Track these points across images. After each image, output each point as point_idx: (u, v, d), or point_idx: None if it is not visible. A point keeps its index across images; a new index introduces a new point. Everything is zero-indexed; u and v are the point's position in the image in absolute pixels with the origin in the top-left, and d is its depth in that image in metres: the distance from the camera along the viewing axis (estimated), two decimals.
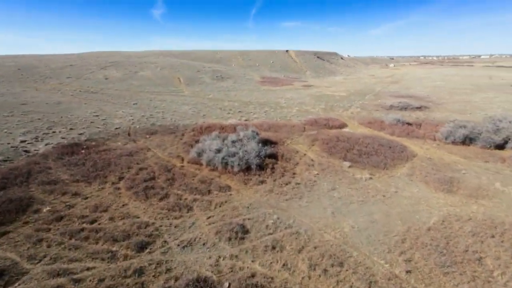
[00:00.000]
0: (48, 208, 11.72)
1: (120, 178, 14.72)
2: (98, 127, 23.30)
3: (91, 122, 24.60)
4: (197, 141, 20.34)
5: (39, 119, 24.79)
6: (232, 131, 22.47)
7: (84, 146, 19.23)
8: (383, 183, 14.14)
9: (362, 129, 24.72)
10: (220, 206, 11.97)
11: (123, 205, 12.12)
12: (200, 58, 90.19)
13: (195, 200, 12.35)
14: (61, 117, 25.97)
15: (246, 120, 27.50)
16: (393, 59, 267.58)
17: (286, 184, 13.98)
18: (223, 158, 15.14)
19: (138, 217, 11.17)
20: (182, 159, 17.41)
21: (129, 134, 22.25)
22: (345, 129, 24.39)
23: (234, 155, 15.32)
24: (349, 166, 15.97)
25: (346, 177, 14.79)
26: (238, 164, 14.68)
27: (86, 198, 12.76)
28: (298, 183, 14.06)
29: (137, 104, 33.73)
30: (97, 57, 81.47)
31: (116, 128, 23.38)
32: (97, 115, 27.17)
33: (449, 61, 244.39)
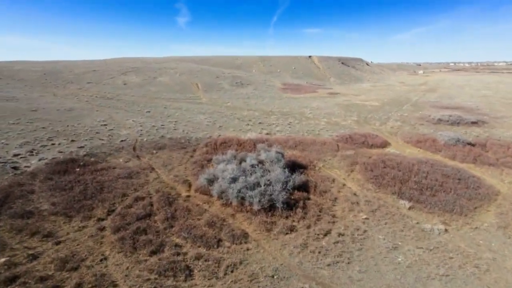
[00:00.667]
0: (3, 260, 8.74)
1: (110, 212, 11.62)
2: (102, 139, 20.78)
3: (96, 133, 22.21)
4: (209, 160, 17.03)
5: (43, 128, 22.84)
6: (251, 148, 18.96)
7: (81, 163, 16.56)
8: (468, 241, 9.79)
9: (410, 149, 20.15)
10: (232, 272, 8.34)
11: (102, 260, 8.87)
12: (219, 64, 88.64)
13: (198, 257, 8.82)
14: (67, 126, 23.92)
15: (267, 133, 23.90)
16: (420, 65, 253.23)
17: (325, 234, 10.08)
18: (239, 191, 11.57)
19: (116, 286, 7.81)
20: (189, 186, 14.09)
21: (134, 149, 19.45)
22: (389, 149, 19.97)
23: (253, 187, 11.71)
24: (410, 208, 11.74)
25: (409, 226, 10.60)
26: (259, 201, 11.03)
27: (59, 242, 9.69)
28: (342, 234, 10.10)
29: (150, 112, 31.38)
30: (120, 63, 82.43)
31: (122, 141, 20.72)
32: (105, 124, 24.90)
33: (484, 67, 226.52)
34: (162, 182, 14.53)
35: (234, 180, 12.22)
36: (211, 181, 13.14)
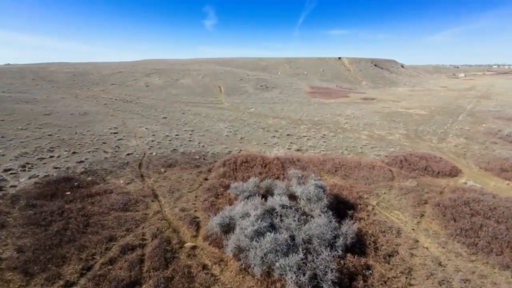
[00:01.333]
0: None
1: (85, 269, 8.37)
2: (107, 152, 18.09)
3: (103, 143, 19.66)
4: (226, 187, 13.46)
5: (49, 135, 20.81)
6: (279, 172, 15.09)
7: (75, 184, 13.79)
8: None
9: (493, 181, 15.00)
10: None
11: None
12: (244, 66, 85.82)
13: None
14: (75, 133, 21.75)
15: (298, 149, 19.86)
16: (458, 68, 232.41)
17: None
18: (265, 256, 7.72)
19: None
20: (198, 228, 10.54)
21: (140, 165, 16.45)
22: (463, 180, 14.98)
23: (287, 251, 7.81)
24: None
25: None
26: (296, 281, 7.10)
27: None
28: None
29: (167, 118, 28.74)
30: (145, 65, 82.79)
31: (128, 154, 17.89)
32: (115, 132, 22.43)
33: None
34: (164, 219, 11.15)
35: (257, 234, 8.41)
36: (225, 228, 9.47)
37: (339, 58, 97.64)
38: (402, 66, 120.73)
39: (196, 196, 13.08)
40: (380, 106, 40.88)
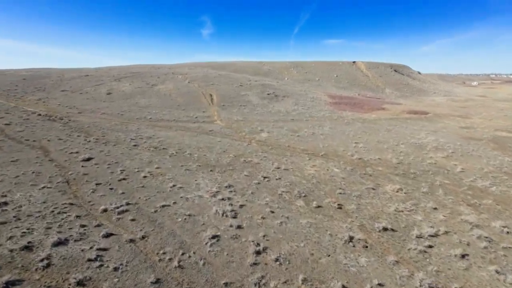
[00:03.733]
0: None
1: None
2: None
3: None
4: None
5: None
6: None
7: None
8: None
9: None
10: None
11: None
12: (242, 70, 71.40)
13: None
14: None
15: None
16: (454, 76, 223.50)
17: None
18: None
19: None
20: None
21: None
22: None
23: None
24: None
25: None
26: None
27: None
28: None
29: (91, 160, 13.59)
30: (126, 69, 67.90)
31: None
32: None
33: None
34: None
35: None
36: None
37: (354, 62, 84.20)
38: (419, 73, 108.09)
39: None
40: (455, 126, 26.40)
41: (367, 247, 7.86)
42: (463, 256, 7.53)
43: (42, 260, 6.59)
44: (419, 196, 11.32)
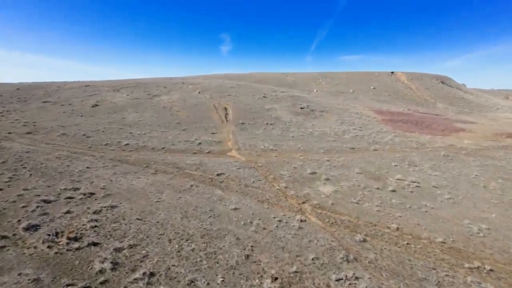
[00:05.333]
0: None
1: None
2: None
3: None
4: None
5: None
6: None
7: None
8: None
9: None
10: None
11: None
12: (264, 81, 62.28)
13: None
14: None
15: None
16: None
17: None
18: None
19: None
20: None
21: None
22: None
23: None
24: None
25: None
26: None
27: None
28: None
29: None
30: (133, 81, 61.23)
31: None
32: None
33: None
34: None
35: None
36: None
37: (392, 72, 72.85)
38: (464, 85, 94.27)
39: None
40: None
41: None
42: None
43: None
44: None
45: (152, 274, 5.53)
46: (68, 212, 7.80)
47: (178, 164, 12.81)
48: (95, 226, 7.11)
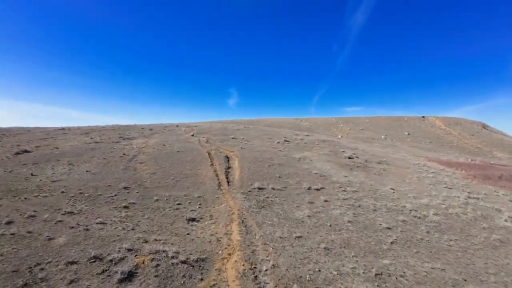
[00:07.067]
0: None
1: None
2: None
3: None
4: None
5: None
6: None
7: None
8: None
9: None
10: None
11: None
12: (277, 126, 52.72)
13: None
14: None
15: None
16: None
17: None
18: None
19: None
20: None
21: None
22: None
23: None
24: None
25: None
26: None
27: None
28: None
29: None
30: (131, 127, 52.59)
31: None
32: None
33: None
34: None
35: None
36: None
37: (423, 117, 63.54)
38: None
39: None
40: None
41: None
42: None
43: None
44: None
45: None
46: None
47: None
48: None
